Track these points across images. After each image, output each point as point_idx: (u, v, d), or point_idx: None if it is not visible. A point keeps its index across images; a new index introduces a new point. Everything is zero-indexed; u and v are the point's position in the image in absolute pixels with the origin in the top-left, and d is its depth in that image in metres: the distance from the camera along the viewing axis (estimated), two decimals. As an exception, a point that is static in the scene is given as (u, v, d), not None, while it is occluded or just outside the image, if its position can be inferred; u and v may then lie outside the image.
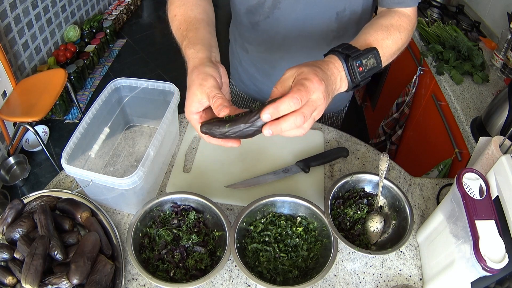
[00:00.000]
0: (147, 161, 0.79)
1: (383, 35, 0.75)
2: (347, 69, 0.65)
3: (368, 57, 0.67)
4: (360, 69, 0.66)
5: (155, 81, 0.96)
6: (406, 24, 0.80)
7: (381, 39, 0.74)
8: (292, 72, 0.60)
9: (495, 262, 0.62)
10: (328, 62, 0.65)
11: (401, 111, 1.93)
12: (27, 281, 0.70)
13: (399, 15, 0.81)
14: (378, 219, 0.86)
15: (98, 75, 3.11)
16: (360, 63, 0.66)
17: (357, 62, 0.65)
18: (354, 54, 0.65)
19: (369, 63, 0.68)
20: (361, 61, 0.66)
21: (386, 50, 0.74)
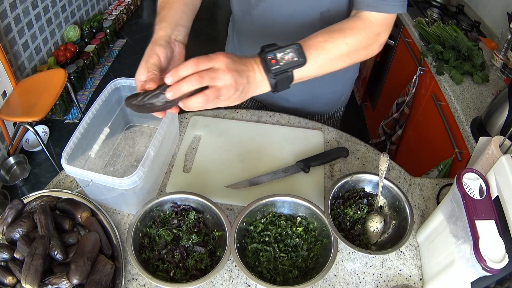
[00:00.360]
0: (147, 161, 0.79)
1: (324, 37, 0.75)
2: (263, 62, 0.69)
3: (285, 51, 0.69)
4: (273, 61, 0.68)
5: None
6: (359, 29, 0.77)
7: (319, 41, 0.74)
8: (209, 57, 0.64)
9: (495, 262, 0.62)
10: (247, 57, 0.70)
11: (401, 111, 1.93)
12: (27, 281, 0.70)
13: (357, 19, 0.79)
14: (378, 219, 0.86)
15: (98, 75, 3.11)
16: (273, 56, 0.68)
17: (270, 55, 0.68)
18: (268, 48, 0.69)
19: (287, 56, 0.69)
20: (274, 54, 0.69)
21: (321, 51, 0.73)
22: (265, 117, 1.17)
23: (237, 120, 1.15)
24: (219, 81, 0.62)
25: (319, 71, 0.75)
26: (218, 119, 1.14)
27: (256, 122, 1.15)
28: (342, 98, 1.26)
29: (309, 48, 0.72)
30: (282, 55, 0.69)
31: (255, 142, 1.08)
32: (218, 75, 0.62)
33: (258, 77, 0.69)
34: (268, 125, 1.14)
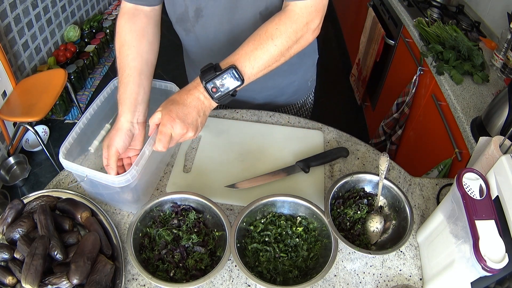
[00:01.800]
0: (142, 159, 0.79)
1: (254, 45, 0.78)
2: (206, 91, 0.77)
3: (223, 78, 0.76)
4: (214, 90, 0.76)
5: (156, 80, 0.96)
6: (285, 28, 0.78)
7: (250, 51, 0.78)
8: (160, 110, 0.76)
9: (495, 262, 0.62)
10: (190, 90, 0.78)
11: (401, 111, 1.93)
12: (27, 281, 0.70)
13: (283, 14, 0.80)
14: (378, 219, 0.86)
15: (98, 75, 3.11)
16: (213, 85, 0.76)
17: (210, 85, 0.76)
18: (208, 78, 0.76)
19: (225, 82, 0.76)
20: (214, 83, 0.76)
21: (254, 62, 0.78)
22: (265, 117, 1.17)
23: (237, 120, 1.15)
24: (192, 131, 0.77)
25: (258, 77, 0.80)
26: (218, 119, 1.14)
27: (256, 122, 1.15)
28: (309, 83, 1.26)
29: (243, 62, 0.77)
30: (221, 82, 0.76)
31: (255, 142, 1.07)
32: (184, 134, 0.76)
33: (205, 102, 0.78)
34: (268, 125, 1.14)
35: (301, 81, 1.22)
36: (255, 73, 0.79)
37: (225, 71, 0.76)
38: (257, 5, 0.91)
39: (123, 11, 0.91)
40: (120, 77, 0.87)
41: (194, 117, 0.77)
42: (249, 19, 0.93)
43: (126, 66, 0.87)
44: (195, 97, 0.77)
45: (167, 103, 0.76)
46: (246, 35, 0.92)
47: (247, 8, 0.91)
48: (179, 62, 1.30)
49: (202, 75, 0.77)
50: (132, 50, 0.88)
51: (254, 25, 0.94)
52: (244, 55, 0.78)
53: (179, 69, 1.32)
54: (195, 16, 0.95)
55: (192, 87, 0.78)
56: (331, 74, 3.24)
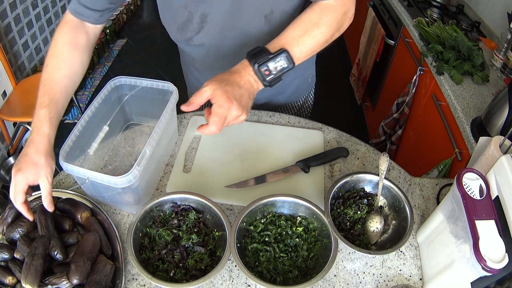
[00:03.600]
0: (143, 160, 0.79)
1: (300, 32, 0.80)
2: (257, 73, 0.76)
3: (276, 60, 0.76)
4: (267, 73, 0.76)
5: (154, 80, 0.96)
6: (328, 18, 0.81)
7: (297, 37, 0.79)
8: (209, 87, 0.73)
9: (495, 262, 0.62)
10: (240, 72, 0.76)
11: (401, 111, 1.93)
12: (27, 281, 0.70)
13: (322, 8, 0.82)
14: (378, 219, 0.86)
15: (98, 75, 3.11)
16: (267, 68, 0.76)
17: (264, 67, 0.76)
18: (260, 60, 0.75)
19: (278, 65, 0.77)
20: (267, 66, 0.76)
21: (303, 47, 0.80)
22: (265, 117, 1.17)
23: (237, 120, 1.15)
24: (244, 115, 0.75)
25: (302, 61, 0.82)
26: (218, 119, 1.14)
27: (256, 122, 1.15)
28: (309, 80, 1.26)
29: (292, 46, 0.78)
30: (274, 65, 0.76)
31: (255, 142, 1.07)
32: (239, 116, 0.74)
33: (255, 85, 0.77)
34: (268, 125, 1.14)
35: (301, 78, 1.22)
36: (302, 58, 0.80)
37: (278, 54, 0.76)
38: (262, 9, 0.90)
39: (67, 19, 0.88)
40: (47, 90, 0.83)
41: (247, 100, 0.76)
42: (254, 23, 0.93)
43: (56, 82, 0.84)
44: (247, 80, 0.76)
45: (220, 82, 0.73)
46: (252, 39, 0.94)
47: (252, 13, 0.91)
48: (179, 62, 1.30)
49: (252, 58, 0.76)
50: (66, 66, 0.85)
51: (259, 29, 0.94)
52: (292, 40, 0.79)
53: (179, 69, 1.32)
54: (199, 23, 0.93)
55: (241, 69, 0.77)
56: (331, 74, 3.24)
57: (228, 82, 0.74)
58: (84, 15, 0.88)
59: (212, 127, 0.72)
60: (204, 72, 1.15)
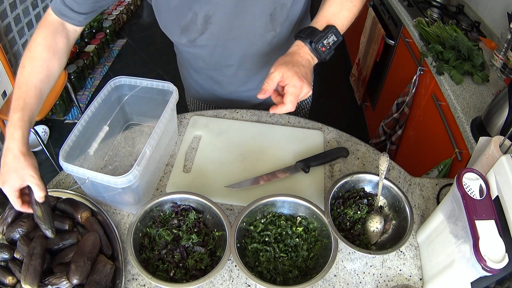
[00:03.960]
0: (143, 160, 0.79)
1: (338, 7, 0.87)
2: (313, 51, 0.83)
3: (328, 36, 0.83)
4: (323, 49, 0.83)
5: (154, 80, 0.96)
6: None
7: (336, 12, 0.86)
8: (278, 72, 0.78)
9: (495, 262, 0.62)
10: (299, 52, 0.82)
11: (401, 111, 1.93)
12: (27, 282, 0.70)
13: None
14: (378, 219, 0.86)
15: (98, 75, 3.10)
16: (322, 45, 0.83)
17: (319, 45, 0.83)
18: (315, 39, 0.82)
19: (330, 40, 0.84)
20: (322, 43, 0.83)
21: (343, 20, 0.87)
22: (265, 117, 1.17)
23: (237, 120, 1.15)
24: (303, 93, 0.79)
25: None
26: (218, 119, 1.14)
27: (256, 122, 1.15)
28: None
29: (334, 21, 0.85)
30: (327, 41, 0.83)
31: (255, 142, 1.07)
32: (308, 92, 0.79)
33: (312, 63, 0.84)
34: (268, 125, 1.14)
35: None
36: (343, 29, 0.88)
37: (328, 30, 0.83)
38: (267, 6, 0.91)
39: (48, 21, 0.87)
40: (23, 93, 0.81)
41: (310, 76, 0.82)
42: (259, 21, 0.94)
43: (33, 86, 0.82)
44: (306, 59, 0.82)
45: (286, 65, 0.78)
46: (257, 37, 0.96)
47: (256, 11, 0.92)
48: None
49: (306, 38, 0.82)
50: (43, 70, 0.84)
51: (264, 27, 0.95)
52: (332, 15, 0.86)
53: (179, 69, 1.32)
54: (203, 24, 0.93)
55: (298, 50, 0.82)
56: (331, 74, 3.23)
57: (293, 63, 0.79)
58: (69, 16, 0.88)
59: (288, 106, 0.77)
60: (207, 72, 1.15)
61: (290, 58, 0.81)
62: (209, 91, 1.22)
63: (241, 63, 1.07)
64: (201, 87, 1.24)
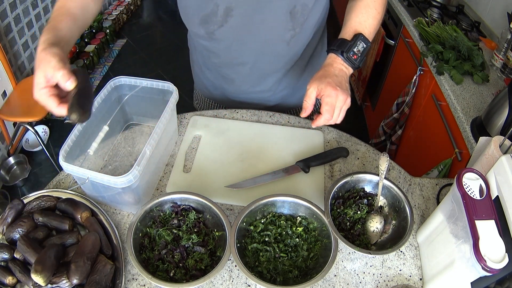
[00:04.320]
0: (143, 160, 0.79)
1: (363, 17, 0.91)
2: (346, 60, 0.87)
3: (357, 44, 0.88)
4: (355, 57, 0.88)
5: (154, 80, 0.96)
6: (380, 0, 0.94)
7: (363, 21, 0.91)
8: (313, 87, 0.82)
9: (495, 262, 0.62)
10: (332, 64, 0.86)
11: (401, 111, 1.93)
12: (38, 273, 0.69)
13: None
14: (378, 219, 0.86)
15: (98, 75, 3.11)
16: (353, 53, 0.87)
17: (351, 53, 0.87)
18: (346, 48, 0.87)
19: (360, 47, 0.88)
20: (353, 51, 0.87)
21: (370, 28, 0.91)
22: (265, 117, 1.17)
23: (237, 120, 1.15)
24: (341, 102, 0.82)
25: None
26: (218, 119, 1.14)
27: (256, 122, 1.15)
28: None
29: (362, 29, 0.89)
30: (357, 48, 0.88)
31: (255, 142, 1.07)
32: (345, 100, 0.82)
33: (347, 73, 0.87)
34: (268, 125, 1.14)
35: None
36: (371, 37, 0.92)
37: (356, 39, 0.88)
38: (289, 4, 0.93)
39: None
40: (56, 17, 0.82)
41: (346, 85, 0.85)
42: (279, 19, 0.95)
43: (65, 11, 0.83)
44: (339, 69, 0.86)
45: (319, 79, 0.82)
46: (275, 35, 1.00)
47: (277, 8, 0.93)
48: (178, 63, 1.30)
49: (337, 49, 0.87)
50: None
51: (283, 25, 0.97)
52: (359, 24, 0.90)
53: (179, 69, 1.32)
54: (223, 16, 0.94)
55: (331, 62, 0.87)
56: (331, 74, 3.23)
57: (326, 75, 0.83)
58: None
59: (326, 115, 0.81)
60: (221, 70, 1.14)
61: (323, 71, 0.85)
62: (221, 90, 1.22)
63: (256, 61, 1.07)
64: (212, 86, 1.23)
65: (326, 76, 0.83)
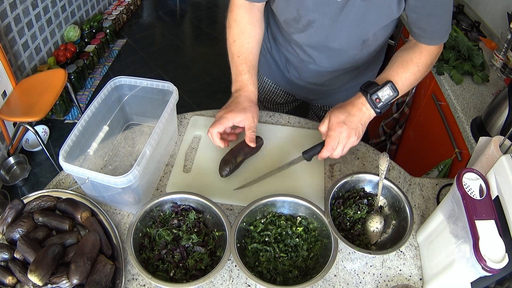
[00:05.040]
0: (143, 160, 0.79)
1: (403, 69, 0.94)
2: (369, 102, 0.91)
3: (383, 90, 0.90)
4: (377, 100, 0.91)
5: (154, 80, 0.96)
6: (425, 59, 0.96)
7: (400, 72, 0.94)
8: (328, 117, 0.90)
9: (495, 262, 0.62)
10: (354, 102, 0.91)
11: (401, 111, 1.93)
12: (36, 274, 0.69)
13: (421, 50, 0.96)
14: (378, 219, 0.86)
15: (98, 75, 3.11)
16: (376, 97, 0.90)
17: (374, 96, 0.90)
18: (372, 90, 0.90)
19: (385, 93, 0.91)
20: (377, 95, 0.90)
21: (404, 81, 0.94)
22: (265, 117, 1.17)
23: (237, 120, 1.14)
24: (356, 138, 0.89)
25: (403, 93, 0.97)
26: (218, 119, 1.14)
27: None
28: None
29: (395, 79, 0.92)
30: (382, 94, 0.91)
31: (255, 142, 1.07)
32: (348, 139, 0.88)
33: (366, 114, 0.91)
34: (268, 125, 1.14)
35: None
36: (404, 89, 0.95)
37: (385, 84, 0.91)
38: (365, 34, 1.00)
39: (238, 3, 1.01)
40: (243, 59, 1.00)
41: (356, 124, 0.89)
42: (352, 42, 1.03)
43: (249, 52, 1.01)
44: (358, 108, 0.90)
45: (336, 113, 0.90)
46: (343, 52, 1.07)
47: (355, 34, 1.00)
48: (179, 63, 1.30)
49: (365, 89, 0.91)
50: (251, 40, 1.01)
51: (354, 50, 1.06)
52: (396, 75, 0.93)
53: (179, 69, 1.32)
54: (305, 26, 1.01)
55: (355, 99, 0.92)
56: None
57: (341, 111, 0.90)
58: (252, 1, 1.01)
59: (327, 147, 0.88)
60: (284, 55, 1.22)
61: (343, 106, 0.91)
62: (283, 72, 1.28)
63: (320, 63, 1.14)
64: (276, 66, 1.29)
65: (342, 112, 0.89)
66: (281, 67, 1.26)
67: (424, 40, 0.95)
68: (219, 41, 3.65)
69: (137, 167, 0.77)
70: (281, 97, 1.39)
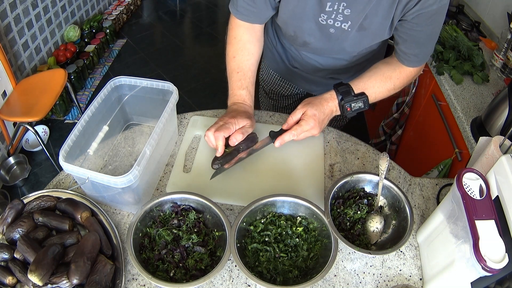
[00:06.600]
0: (143, 160, 0.79)
1: (380, 84, 1.00)
2: (339, 106, 0.98)
3: (357, 102, 0.97)
4: (348, 109, 0.97)
5: (154, 80, 0.96)
6: (402, 79, 1.01)
7: (376, 87, 0.99)
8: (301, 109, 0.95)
9: (495, 262, 0.62)
10: (328, 100, 0.97)
11: (401, 111, 1.93)
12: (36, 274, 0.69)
13: (401, 70, 1.00)
14: (378, 219, 0.86)
15: (98, 75, 3.11)
16: (349, 106, 0.97)
17: (347, 105, 0.97)
18: (347, 98, 0.96)
19: (357, 105, 0.97)
20: (350, 104, 0.97)
21: (377, 95, 1.00)
22: (265, 117, 1.17)
23: (237, 120, 1.14)
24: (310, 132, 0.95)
25: None
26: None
27: (256, 122, 1.15)
28: None
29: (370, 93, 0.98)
30: (355, 105, 0.97)
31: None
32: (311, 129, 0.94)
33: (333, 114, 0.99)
34: (268, 125, 1.14)
35: None
36: (372, 101, 1.01)
37: (360, 97, 0.97)
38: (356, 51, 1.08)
39: (239, 23, 1.03)
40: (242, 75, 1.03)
41: (324, 120, 0.97)
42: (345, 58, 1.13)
43: (247, 69, 1.04)
44: (330, 108, 0.98)
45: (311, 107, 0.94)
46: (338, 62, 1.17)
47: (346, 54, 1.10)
48: (179, 63, 1.31)
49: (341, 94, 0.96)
50: (251, 57, 1.04)
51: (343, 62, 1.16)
52: (371, 88, 0.99)
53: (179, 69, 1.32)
54: (302, 45, 1.09)
55: (328, 98, 0.98)
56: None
57: (315, 107, 0.95)
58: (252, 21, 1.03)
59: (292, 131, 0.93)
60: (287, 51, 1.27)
61: (318, 102, 0.96)
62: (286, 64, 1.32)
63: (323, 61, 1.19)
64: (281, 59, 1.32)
65: (316, 108, 0.94)
66: (286, 61, 1.29)
67: (404, 62, 0.99)
68: (219, 41, 3.65)
69: (137, 167, 0.77)
70: (286, 89, 1.43)
